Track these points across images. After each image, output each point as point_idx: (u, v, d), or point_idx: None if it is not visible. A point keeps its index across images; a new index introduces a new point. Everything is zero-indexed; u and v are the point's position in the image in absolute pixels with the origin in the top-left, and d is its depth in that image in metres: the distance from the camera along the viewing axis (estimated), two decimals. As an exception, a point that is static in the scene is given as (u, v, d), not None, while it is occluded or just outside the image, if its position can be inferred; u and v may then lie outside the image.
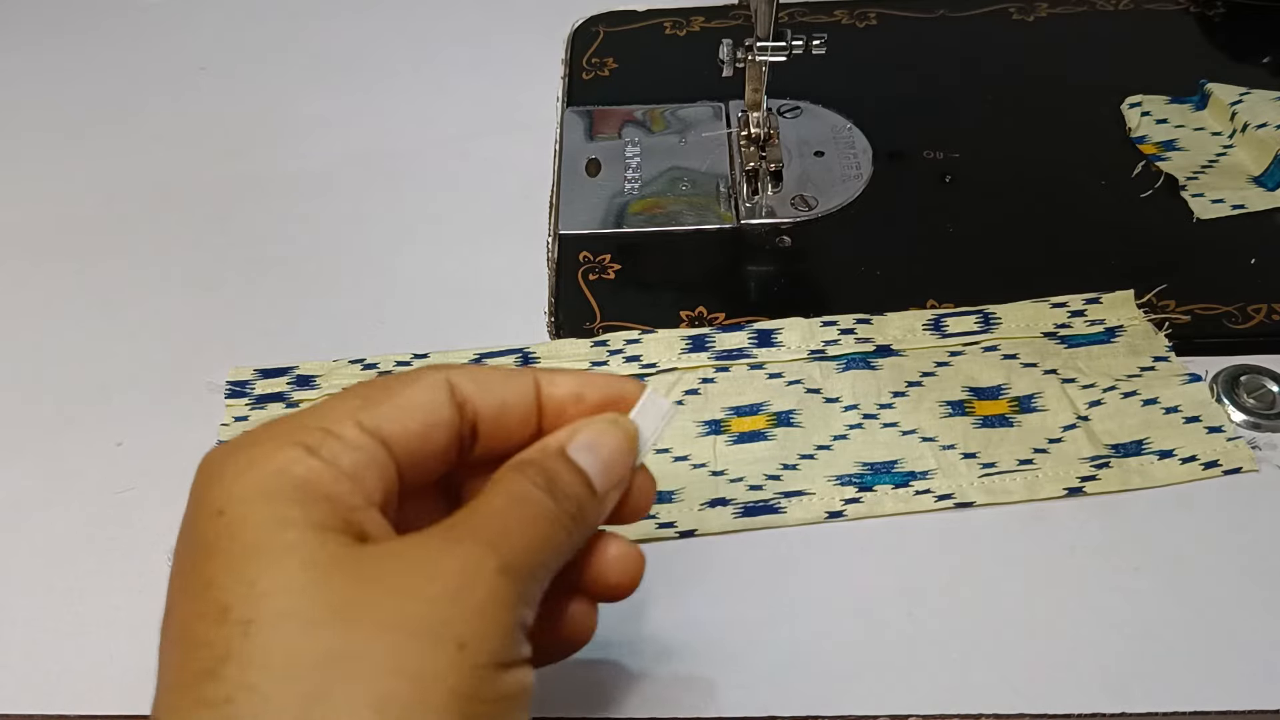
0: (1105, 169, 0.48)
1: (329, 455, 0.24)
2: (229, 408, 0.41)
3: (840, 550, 0.36)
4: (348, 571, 0.22)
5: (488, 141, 0.53)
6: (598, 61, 0.57)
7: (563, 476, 0.26)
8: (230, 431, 0.40)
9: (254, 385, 0.42)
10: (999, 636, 0.33)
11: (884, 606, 0.34)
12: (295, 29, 0.60)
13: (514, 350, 0.42)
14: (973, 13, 0.57)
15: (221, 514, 0.23)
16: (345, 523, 0.23)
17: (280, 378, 0.42)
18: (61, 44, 0.61)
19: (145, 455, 0.40)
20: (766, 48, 0.44)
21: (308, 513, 0.23)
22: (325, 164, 0.52)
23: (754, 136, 0.48)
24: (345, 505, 0.24)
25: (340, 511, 0.23)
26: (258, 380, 0.42)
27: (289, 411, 0.27)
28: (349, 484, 0.24)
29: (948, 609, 0.34)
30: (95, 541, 0.38)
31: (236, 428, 0.40)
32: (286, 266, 0.48)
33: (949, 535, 0.36)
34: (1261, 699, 0.32)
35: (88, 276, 0.48)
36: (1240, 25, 0.55)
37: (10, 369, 0.44)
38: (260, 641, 0.21)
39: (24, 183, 0.53)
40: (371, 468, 0.24)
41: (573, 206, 0.49)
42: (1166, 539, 0.35)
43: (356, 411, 0.25)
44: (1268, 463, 0.37)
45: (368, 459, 0.24)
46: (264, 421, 0.27)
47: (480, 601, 0.23)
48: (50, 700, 0.34)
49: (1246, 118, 0.48)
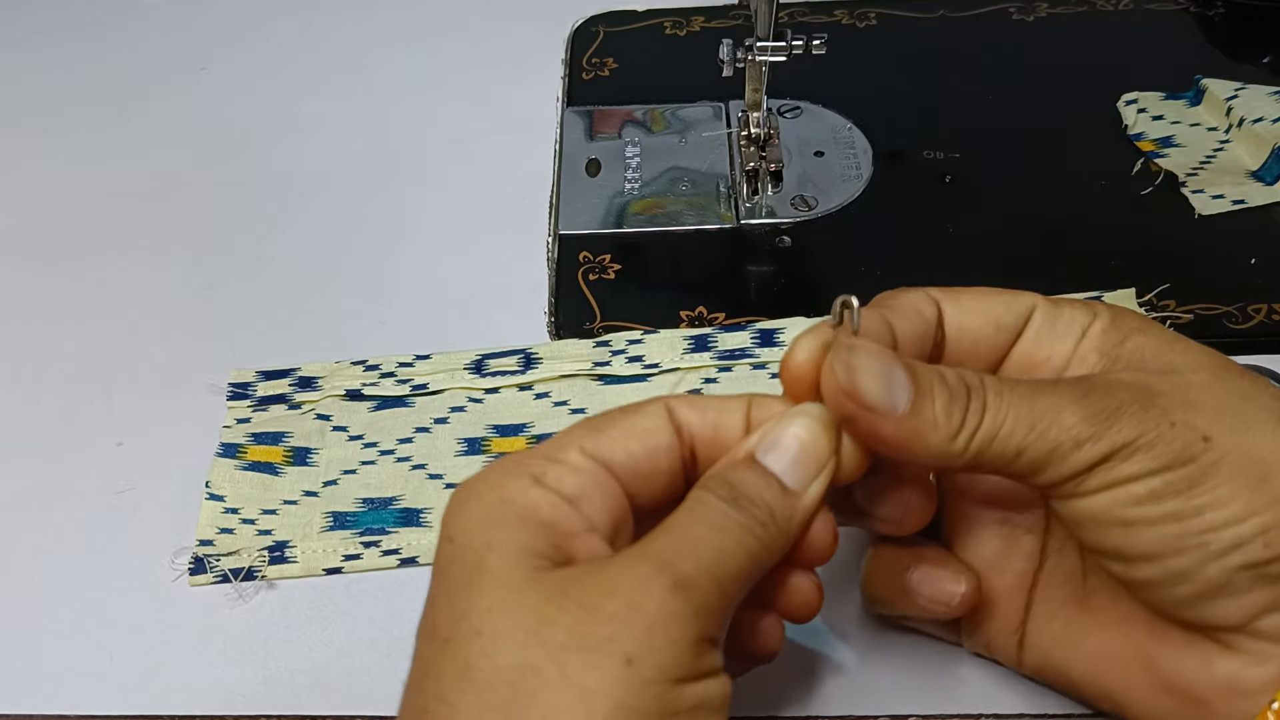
0: (1105, 168, 0.48)
1: (553, 482, 0.26)
2: (231, 409, 0.41)
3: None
4: (539, 592, 0.24)
5: (488, 141, 0.53)
6: (598, 61, 0.57)
7: (747, 484, 0.26)
8: (232, 434, 0.40)
9: (256, 387, 0.42)
10: (999, 636, 0.33)
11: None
12: (295, 29, 0.60)
13: (516, 351, 0.42)
14: (973, 13, 0.57)
15: (451, 541, 0.25)
16: (555, 548, 0.25)
17: (282, 379, 0.42)
18: (61, 44, 0.60)
19: (145, 455, 0.40)
20: (766, 48, 0.44)
21: (517, 538, 0.24)
22: (325, 164, 0.52)
23: (754, 136, 0.48)
24: (559, 531, 0.25)
25: (552, 537, 0.25)
26: (260, 382, 0.42)
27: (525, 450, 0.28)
28: (568, 509, 0.25)
29: (948, 609, 0.34)
30: (95, 541, 0.38)
31: (238, 430, 0.40)
32: (286, 266, 0.48)
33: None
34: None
35: (88, 276, 0.48)
36: (1240, 25, 0.55)
37: (11, 369, 0.44)
38: (452, 657, 0.24)
39: (24, 182, 0.53)
40: (595, 490, 0.26)
41: (573, 206, 0.49)
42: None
43: (581, 439, 0.27)
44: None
45: (591, 482, 0.26)
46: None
47: (650, 619, 0.23)
48: (50, 700, 0.34)
49: (1242, 112, 0.48)
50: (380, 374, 0.42)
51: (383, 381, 0.42)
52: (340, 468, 0.39)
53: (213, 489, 0.38)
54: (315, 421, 0.41)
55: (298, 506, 0.38)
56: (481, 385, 0.41)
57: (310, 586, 0.37)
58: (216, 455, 0.39)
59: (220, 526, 0.37)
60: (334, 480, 0.39)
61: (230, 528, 0.37)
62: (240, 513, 0.38)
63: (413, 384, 0.41)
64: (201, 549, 0.37)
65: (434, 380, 0.41)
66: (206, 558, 0.37)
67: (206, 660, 0.35)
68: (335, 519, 0.38)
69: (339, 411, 0.41)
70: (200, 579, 0.36)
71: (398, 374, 0.42)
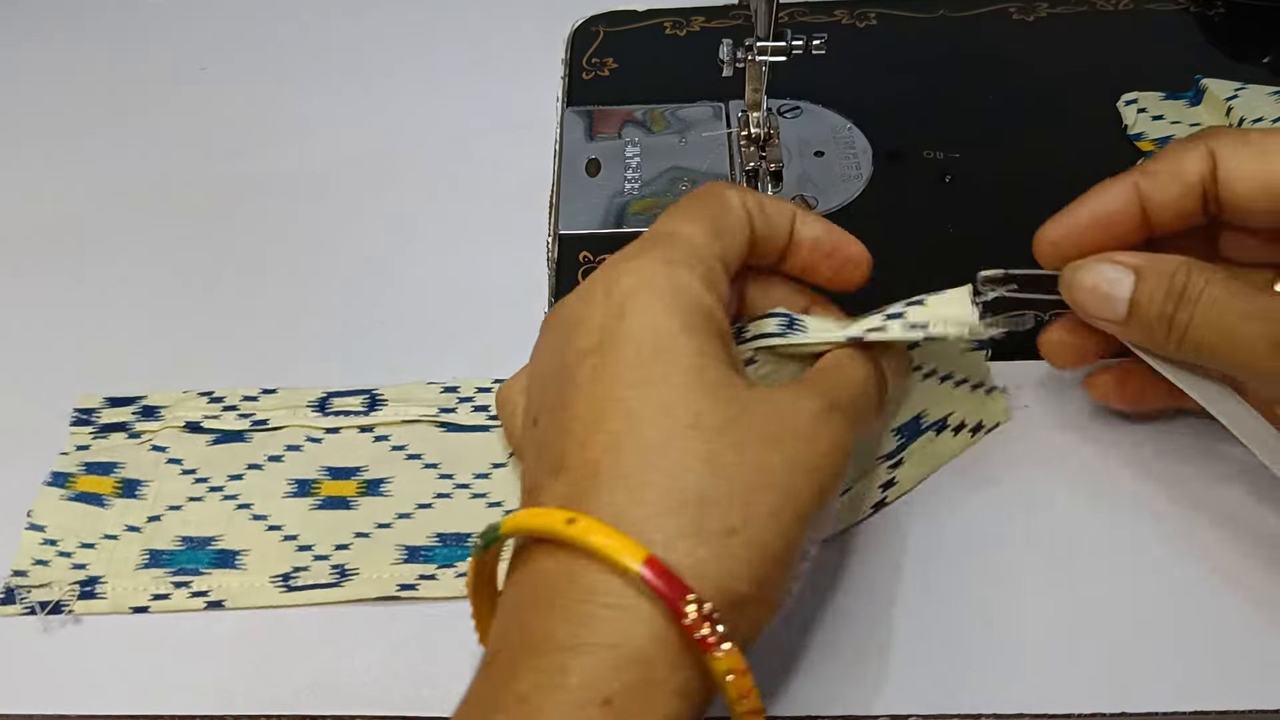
0: (1105, 168, 0.47)
1: (719, 292, 0.30)
2: (72, 435, 0.41)
3: (833, 547, 0.36)
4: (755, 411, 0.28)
5: (488, 141, 0.53)
6: (598, 61, 0.57)
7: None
8: (66, 461, 0.40)
9: (100, 414, 0.41)
10: (999, 636, 0.33)
11: (884, 606, 0.34)
12: (295, 29, 0.60)
13: (361, 391, 0.41)
14: (973, 13, 0.57)
15: (656, 331, 0.28)
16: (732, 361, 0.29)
17: (126, 407, 0.41)
18: (61, 44, 0.60)
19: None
20: (766, 48, 0.44)
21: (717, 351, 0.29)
22: (325, 164, 0.52)
23: (754, 136, 0.48)
24: (729, 337, 0.30)
25: (729, 348, 0.29)
26: (104, 409, 0.41)
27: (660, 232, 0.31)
28: (726, 320, 0.30)
29: (947, 608, 0.34)
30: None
31: (75, 457, 0.40)
32: (286, 266, 0.48)
33: (949, 534, 0.36)
34: (1261, 699, 0.32)
35: (89, 275, 0.48)
36: (1240, 25, 0.55)
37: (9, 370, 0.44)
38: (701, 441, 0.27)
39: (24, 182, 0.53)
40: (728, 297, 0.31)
41: (573, 206, 0.49)
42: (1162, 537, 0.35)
43: (721, 253, 0.31)
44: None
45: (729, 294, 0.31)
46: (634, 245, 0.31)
47: (838, 462, 0.28)
48: (49, 700, 0.34)
49: (1242, 113, 0.48)
50: (223, 407, 0.41)
51: (224, 414, 0.41)
52: (167, 503, 0.39)
53: (34, 519, 0.38)
54: (150, 453, 0.40)
55: (117, 541, 0.38)
56: (322, 424, 0.40)
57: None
58: (44, 484, 0.39)
59: (36, 558, 0.37)
60: (158, 516, 0.38)
61: (46, 559, 0.37)
62: (59, 545, 0.37)
63: (253, 419, 0.41)
64: (15, 579, 0.37)
65: (275, 416, 0.41)
66: (18, 588, 0.36)
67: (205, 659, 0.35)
68: (152, 556, 0.37)
69: (176, 443, 0.40)
70: (8, 609, 0.36)
71: (240, 408, 0.41)
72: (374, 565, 0.37)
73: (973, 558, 0.36)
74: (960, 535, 0.36)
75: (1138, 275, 0.32)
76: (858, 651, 0.33)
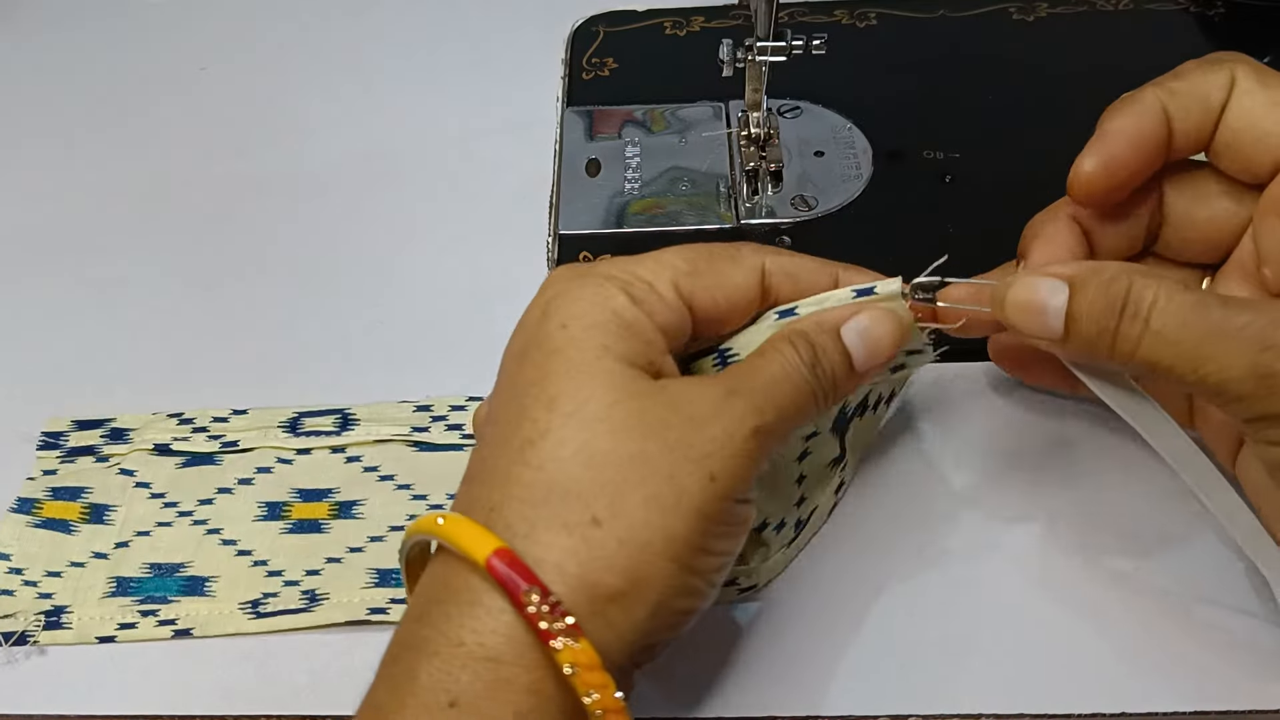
0: (1105, 169, 0.48)
1: (649, 309, 0.29)
2: (39, 460, 0.40)
3: (834, 547, 0.36)
4: (647, 398, 0.27)
5: (488, 141, 0.53)
6: (598, 61, 0.57)
7: (828, 354, 0.30)
8: (33, 487, 0.39)
9: (68, 437, 0.41)
10: (998, 636, 0.34)
11: (884, 606, 0.34)
12: (295, 29, 0.60)
13: (334, 410, 0.41)
14: (973, 13, 0.57)
15: (564, 327, 0.28)
16: (649, 362, 0.28)
17: (95, 430, 0.41)
18: (61, 44, 0.60)
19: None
20: (766, 48, 0.44)
21: (625, 348, 0.28)
22: (325, 164, 0.52)
23: (754, 136, 0.48)
24: (654, 349, 0.29)
25: (648, 354, 0.28)
26: (73, 432, 0.41)
27: (617, 259, 0.31)
28: (658, 334, 0.29)
29: (947, 609, 0.34)
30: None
31: (42, 482, 0.39)
32: (285, 266, 0.48)
33: (949, 534, 0.36)
34: (1262, 699, 0.32)
35: (90, 273, 0.48)
36: (1240, 24, 0.55)
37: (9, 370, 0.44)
38: (575, 430, 0.27)
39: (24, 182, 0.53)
40: (675, 325, 0.30)
41: (573, 206, 0.49)
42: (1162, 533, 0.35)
43: (677, 276, 0.30)
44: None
45: (677, 319, 0.30)
46: (590, 264, 0.31)
47: (737, 449, 0.27)
48: (50, 700, 0.34)
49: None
50: (193, 428, 0.41)
51: (194, 436, 0.40)
52: (135, 528, 0.38)
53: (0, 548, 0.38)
54: (118, 477, 0.40)
55: (84, 569, 0.37)
56: (293, 445, 0.40)
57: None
58: (9, 510, 0.38)
59: (1, 587, 0.36)
60: (126, 542, 0.38)
61: (11, 589, 0.36)
62: (24, 573, 0.37)
63: (223, 440, 0.40)
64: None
65: (245, 438, 0.40)
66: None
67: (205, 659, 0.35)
68: (119, 584, 0.37)
69: (144, 467, 0.40)
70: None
71: (210, 429, 0.41)
72: (344, 589, 0.36)
73: (973, 558, 0.36)
74: (960, 535, 0.36)
75: (1072, 287, 0.29)
76: (858, 651, 0.33)
